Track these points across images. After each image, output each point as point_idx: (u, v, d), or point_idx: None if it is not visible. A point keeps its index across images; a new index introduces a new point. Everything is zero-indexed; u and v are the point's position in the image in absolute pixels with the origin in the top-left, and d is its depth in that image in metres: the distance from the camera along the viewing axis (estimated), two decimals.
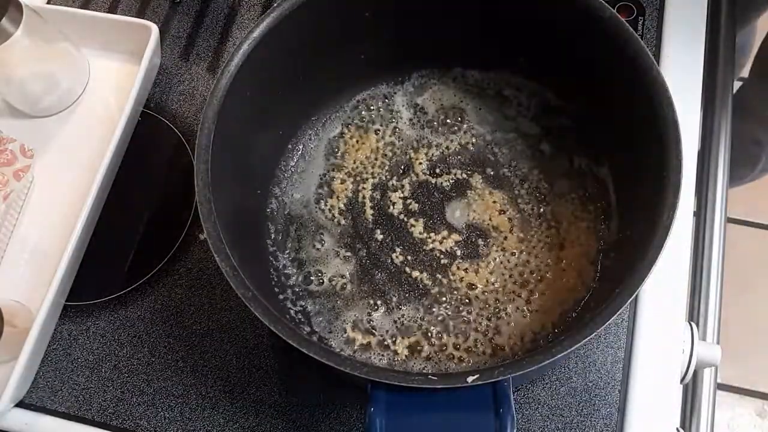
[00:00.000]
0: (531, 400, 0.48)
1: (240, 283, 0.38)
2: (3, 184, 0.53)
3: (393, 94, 0.55)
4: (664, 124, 0.40)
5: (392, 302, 0.49)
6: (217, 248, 0.38)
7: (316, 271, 0.50)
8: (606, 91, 0.47)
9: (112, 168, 0.55)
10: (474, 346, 0.47)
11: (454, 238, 0.50)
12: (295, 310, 0.49)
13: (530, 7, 0.46)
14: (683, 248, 0.52)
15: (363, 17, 0.49)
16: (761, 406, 1.21)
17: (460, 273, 0.49)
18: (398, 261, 0.50)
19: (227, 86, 0.43)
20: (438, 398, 0.36)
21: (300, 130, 0.54)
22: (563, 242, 0.50)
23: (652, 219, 0.38)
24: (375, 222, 0.52)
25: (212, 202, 0.40)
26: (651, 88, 0.41)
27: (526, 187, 0.52)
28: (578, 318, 0.46)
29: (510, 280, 0.49)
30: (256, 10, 0.64)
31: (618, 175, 0.49)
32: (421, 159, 0.54)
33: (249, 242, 0.48)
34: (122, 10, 0.64)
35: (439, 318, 0.48)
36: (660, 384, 0.48)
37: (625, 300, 0.36)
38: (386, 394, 0.36)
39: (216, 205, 0.40)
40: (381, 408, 0.36)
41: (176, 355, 0.51)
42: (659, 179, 0.39)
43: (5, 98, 0.59)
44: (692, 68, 0.57)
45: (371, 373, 0.36)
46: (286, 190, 0.53)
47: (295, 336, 0.37)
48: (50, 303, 0.49)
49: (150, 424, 0.49)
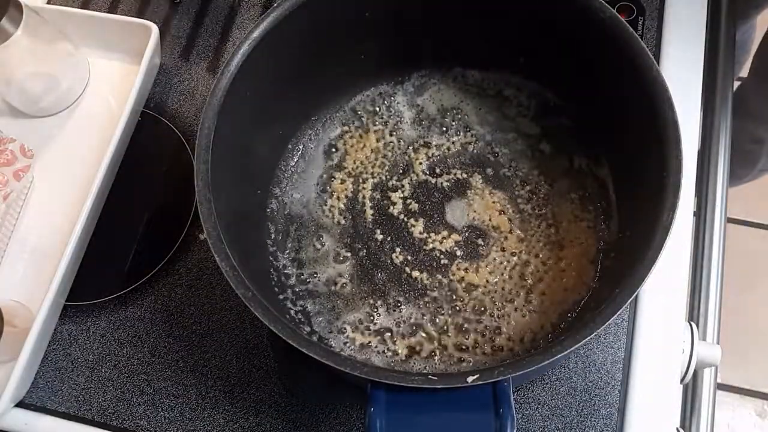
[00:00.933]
0: (531, 400, 0.48)
1: (240, 283, 0.38)
2: (3, 184, 0.53)
3: (393, 94, 0.55)
4: (664, 124, 0.40)
5: (392, 302, 0.49)
6: (217, 248, 0.38)
7: (316, 271, 0.50)
8: (606, 91, 0.47)
9: (112, 168, 0.55)
10: (474, 346, 0.47)
11: (454, 238, 0.50)
12: (295, 310, 0.48)
13: (530, 7, 0.46)
14: (683, 248, 0.52)
15: (363, 17, 0.49)
16: (761, 406, 1.21)
17: (460, 273, 0.49)
18: (398, 261, 0.50)
19: (227, 86, 0.43)
20: (438, 398, 0.36)
21: (300, 130, 0.54)
22: (563, 242, 0.50)
23: (652, 219, 0.38)
24: (375, 222, 0.52)
25: (212, 202, 0.40)
26: (651, 88, 0.41)
27: (526, 188, 0.52)
28: (578, 318, 0.46)
29: (510, 281, 0.49)
30: (256, 10, 0.64)
31: (618, 175, 0.49)
32: (421, 159, 0.54)
33: (249, 242, 0.48)
34: (122, 10, 0.64)
35: (439, 318, 0.48)
36: (660, 384, 0.48)
37: (625, 300, 0.36)
38: (386, 394, 0.36)
39: (216, 205, 0.40)
40: (381, 408, 0.35)
41: (176, 355, 0.51)
42: (659, 179, 0.39)
43: (5, 98, 0.59)
44: (692, 68, 0.57)
45: (371, 373, 0.36)
46: (286, 190, 0.53)
47: (295, 336, 0.37)
48: (50, 303, 0.49)
49: (150, 424, 0.49)
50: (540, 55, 0.50)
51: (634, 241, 0.41)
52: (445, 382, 0.35)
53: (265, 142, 0.51)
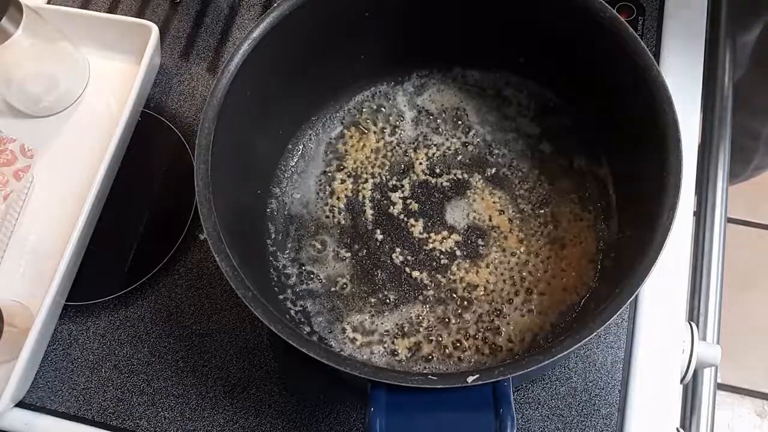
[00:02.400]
0: (531, 400, 0.48)
1: (240, 283, 0.38)
2: (3, 184, 0.53)
3: (393, 94, 0.55)
4: (664, 124, 0.40)
5: (392, 302, 0.49)
6: (217, 248, 0.38)
7: (316, 271, 0.50)
8: (606, 91, 0.47)
9: (112, 168, 0.55)
10: (474, 346, 0.47)
11: (454, 238, 0.50)
12: (295, 310, 0.48)
13: (530, 8, 0.46)
14: (683, 248, 0.52)
15: (363, 17, 0.49)
16: (761, 406, 1.21)
17: (460, 273, 0.49)
18: (398, 261, 0.50)
19: (227, 86, 0.43)
20: (438, 398, 0.36)
21: (300, 130, 0.54)
22: (563, 242, 0.49)
23: (652, 219, 0.38)
24: (375, 222, 0.52)
25: (212, 202, 0.40)
26: (651, 88, 0.41)
27: (526, 187, 0.52)
28: (578, 318, 0.46)
29: (510, 281, 0.49)
30: (256, 10, 0.64)
31: (618, 175, 0.49)
32: (421, 159, 0.54)
33: (249, 242, 0.48)
34: (122, 10, 0.64)
35: (439, 318, 0.48)
36: (660, 384, 0.48)
37: (625, 300, 0.36)
38: (386, 394, 0.36)
39: (216, 205, 0.40)
40: (381, 408, 0.35)
41: (176, 355, 0.51)
42: (659, 179, 0.39)
43: (5, 98, 0.59)
44: (692, 68, 0.57)
45: (371, 373, 0.35)
46: (286, 190, 0.53)
47: (294, 336, 0.37)
48: (50, 303, 0.49)
49: (150, 424, 0.49)
50: (540, 55, 0.50)
51: (634, 242, 0.41)
52: (444, 382, 0.35)
53: (265, 142, 0.51)
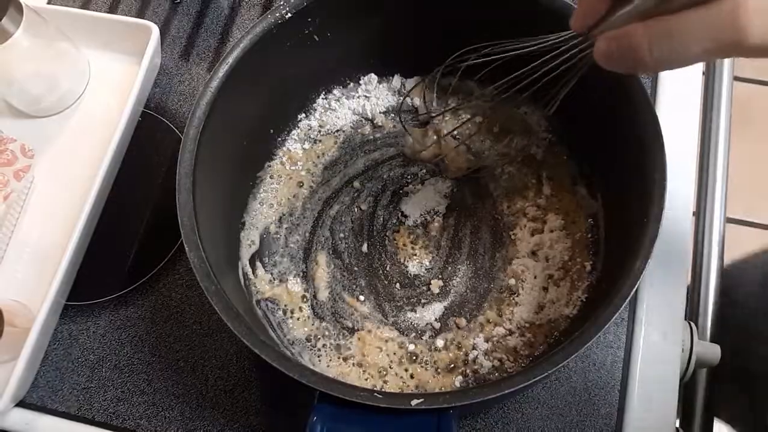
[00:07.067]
0: (531, 399, 0.48)
1: (205, 275, 0.38)
2: (3, 184, 0.53)
3: (387, 95, 0.56)
4: (651, 176, 0.39)
5: (376, 319, 0.49)
6: (189, 239, 0.39)
7: (287, 278, 0.51)
8: (601, 124, 0.46)
9: (112, 168, 0.55)
10: (462, 368, 0.47)
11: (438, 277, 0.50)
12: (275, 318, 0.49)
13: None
14: (683, 248, 0.51)
15: (364, 23, 0.49)
16: None
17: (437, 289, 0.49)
18: (382, 275, 0.50)
19: (222, 80, 0.44)
20: (384, 420, 0.35)
21: (289, 135, 0.55)
22: (552, 273, 0.49)
23: (626, 263, 0.38)
24: (356, 236, 0.52)
25: (192, 193, 0.40)
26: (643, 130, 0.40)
27: (515, 210, 0.51)
28: (539, 356, 0.46)
29: (497, 306, 0.49)
30: (256, 10, 0.64)
31: (608, 212, 0.48)
32: (404, 168, 0.53)
33: (225, 241, 0.48)
34: (122, 10, 0.64)
35: (426, 339, 0.48)
36: (659, 384, 0.48)
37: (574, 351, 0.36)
38: (333, 407, 0.35)
39: (196, 196, 0.40)
40: (325, 419, 0.35)
41: (176, 355, 0.51)
42: (640, 225, 0.38)
43: (6, 98, 0.59)
44: (692, 69, 0.57)
45: (318, 383, 0.35)
46: (257, 213, 0.52)
47: (250, 336, 0.36)
48: (50, 303, 0.49)
49: (150, 424, 0.49)
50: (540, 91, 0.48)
51: (608, 286, 0.40)
52: (389, 402, 0.35)
53: (254, 142, 0.51)
